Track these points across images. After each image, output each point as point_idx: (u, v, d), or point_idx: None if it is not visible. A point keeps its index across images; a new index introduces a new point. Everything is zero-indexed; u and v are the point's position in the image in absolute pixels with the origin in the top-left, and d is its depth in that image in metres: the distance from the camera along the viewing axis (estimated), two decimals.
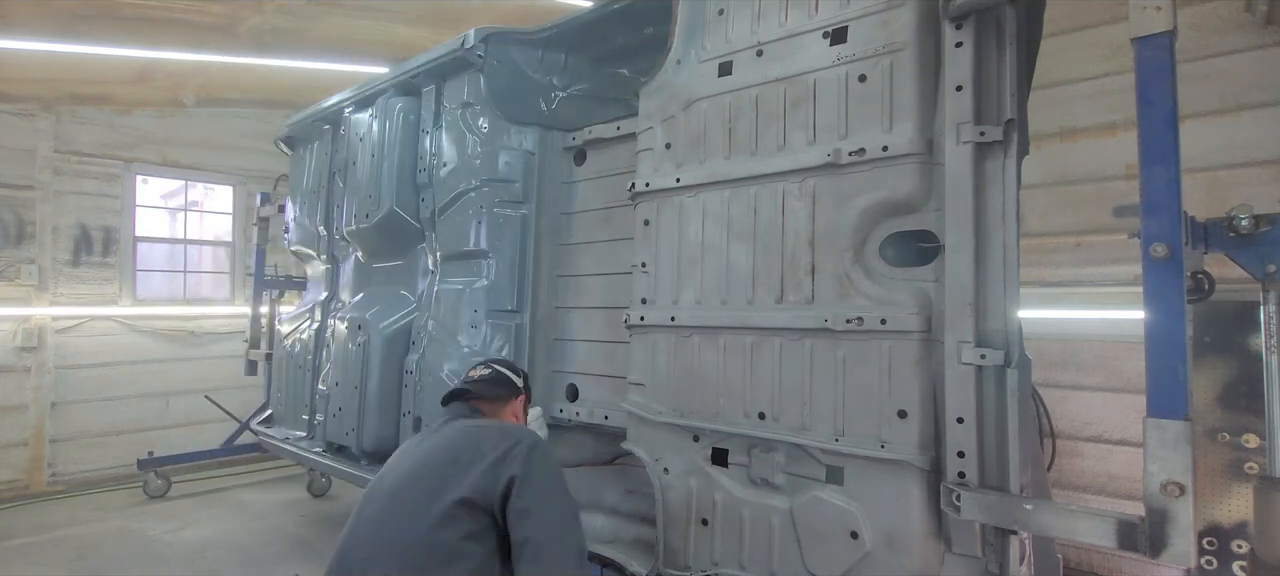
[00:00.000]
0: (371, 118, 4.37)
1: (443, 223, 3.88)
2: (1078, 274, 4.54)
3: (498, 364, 2.66)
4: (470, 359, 3.64)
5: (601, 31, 3.59)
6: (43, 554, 4.98)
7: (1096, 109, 4.48)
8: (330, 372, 4.48)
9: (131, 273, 7.06)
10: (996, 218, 2.11)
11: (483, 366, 2.63)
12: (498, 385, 2.55)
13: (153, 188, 8.14)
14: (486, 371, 2.59)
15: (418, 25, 5.90)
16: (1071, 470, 4.54)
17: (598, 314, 3.60)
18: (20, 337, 6.30)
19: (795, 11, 2.59)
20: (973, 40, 2.14)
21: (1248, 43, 4.08)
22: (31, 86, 6.29)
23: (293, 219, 5.48)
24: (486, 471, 2.00)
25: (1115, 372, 4.39)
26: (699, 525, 2.67)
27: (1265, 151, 4.02)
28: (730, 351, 2.63)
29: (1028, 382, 2.11)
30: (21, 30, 5.16)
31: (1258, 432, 3.01)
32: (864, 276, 2.36)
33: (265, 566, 4.81)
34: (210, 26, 5.54)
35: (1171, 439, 1.73)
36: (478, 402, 2.48)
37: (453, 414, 2.41)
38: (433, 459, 2.14)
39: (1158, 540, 1.73)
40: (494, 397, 2.51)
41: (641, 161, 3.00)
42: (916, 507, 2.17)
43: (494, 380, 2.56)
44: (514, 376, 2.62)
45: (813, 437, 2.39)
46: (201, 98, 7.17)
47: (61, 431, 6.59)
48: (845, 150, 2.37)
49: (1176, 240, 1.76)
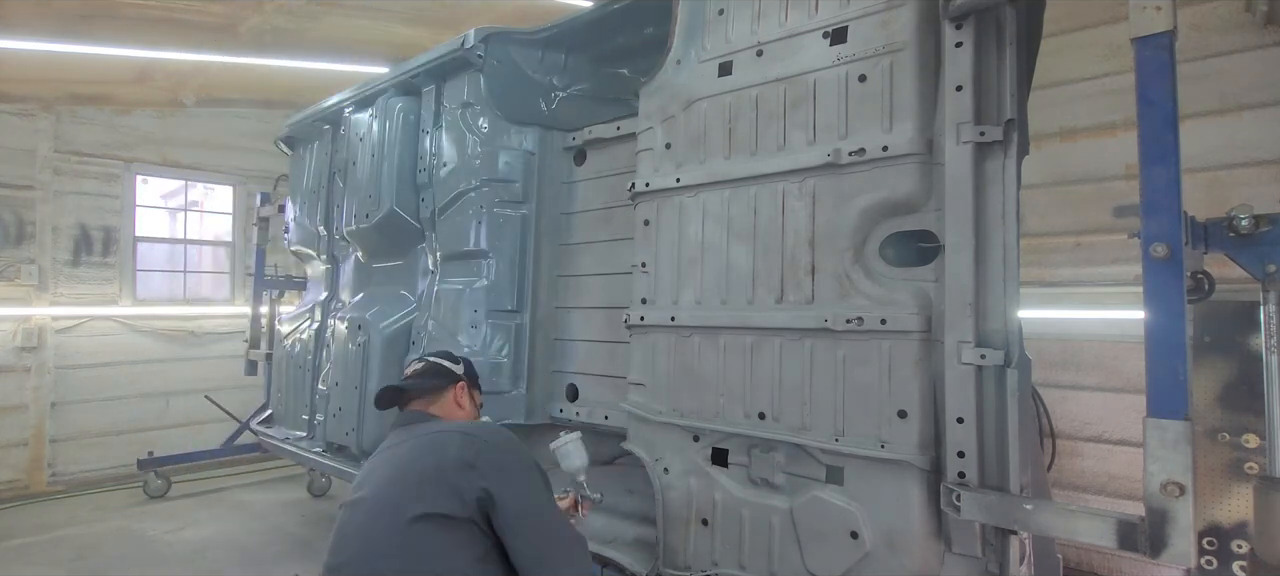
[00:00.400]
0: (371, 118, 4.37)
1: (443, 223, 3.88)
2: (1078, 274, 4.54)
3: (433, 356, 2.61)
4: (470, 358, 3.64)
5: (601, 31, 3.59)
6: (43, 554, 4.98)
7: (1096, 109, 4.48)
8: (330, 372, 4.48)
9: (131, 273, 7.06)
10: (996, 218, 2.11)
11: (417, 361, 2.61)
12: (433, 376, 2.49)
13: (153, 188, 8.14)
14: (419, 365, 2.56)
15: (418, 25, 5.90)
16: (1071, 470, 4.54)
17: (598, 314, 3.59)
18: (20, 337, 6.30)
19: (795, 11, 2.59)
20: (973, 40, 2.14)
21: (1248, 43, 4.08)
22: (31, 86, 6.29)
23: (293, 219, 5.47)
24: (454, 481, 1.97)
25: (1115, 372, 4.39)
26: (699, 525, 2.67)
27: (1265, 151, 4.02)
28: (730, 351, 2.63)
29: (1028, 382, 2.11)
30: (21, 30, 5.16)
31: (1258, 432, 3.01)
32: (864, 276, 2.36)
33: (265, 566, 4.81)
34: (210, 26, 5.54)
35: (1171, 439, 1.73)
36: (419, 402, 2.42)
37: (402, 426, 2.34)
38: (405, 472, 2.08)
39: (1158, 540, 1.73)
40: (433, 390, 2.45)
41: (641, 161, 2.99)
42: (916, 507, 2.17)
43: (428, 371, 2.50)
44: (450, 364, 2.56)
45: (813, 437, 2.39)
46: (201, 98, 7.17)
47: (61, 431, 6.59)
48: (845, 150, 2.37)
49: (1176, 240, 1.76)
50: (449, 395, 2.47)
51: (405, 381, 2.50)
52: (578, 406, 3.61)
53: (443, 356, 2.61)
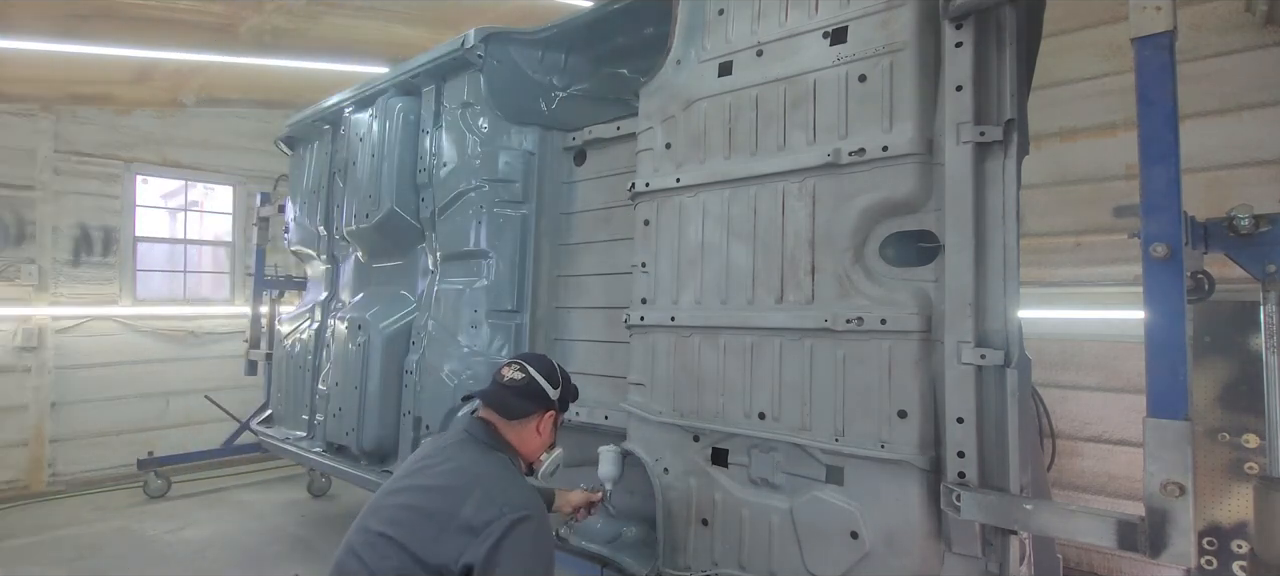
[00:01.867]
0: (371, 118, 4.37)
1: (443, 223, 3.88)
2: (1078, 274, 4.54)
3: (532, 365, 2.28)
4: (470, 358, 3.64)
5: (601, 31, 3.59)
6: (43, 554, 4.98)
7: (1096, 109, 4.48)
8: (330, 372, 4.48)
9: (131, 273, 7.06)
10: (996, 218, 2.11)
11: (516, 368, 2.26)
12: (527, 398, 2.21)
13: (153, 188, 8.14)
14: (519, 377, 2.23)
15: (418, 25, 5.90)
16: (1071, 470, 4.54)
17: (598, 314, 3.59)
18: (20, 337, 6.30)
19: (795, 11, 2.59)
20: (973, 40, 2.14)
21: (1248, 43, 4.08)
22: (31, 86, 6.29)
23: (293, 219, 5.48)
24: (452, 538, 1.82)
25: (1115, 372, 4.39)
26: (699, 525, 2.67)
27: (1265, 151, 4.02)
28: (730, 351, 2.63)
29: (1028, 382, 2.11)
30: (21, 30, 5.16)
31: (1258, 432, 3.01)
32: (864, 276, 2.36)
33: (265, 566, 4.81)
34: (210, 26, 5.54)
35: (1171, 439, 1.73)
36: (497, 421, 2.18)
37: (465, 434, 2.16)
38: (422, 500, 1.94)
39: (1158, 540, 1.73)
40: (520, 415, 2.19)
41: (641, 161, 2.99)
42: (916, 507, 2.17)
43: (523, 391, 2.21)
44: (548, 387, 2.25)
45: (813, 437, 2.39)
46: (201, 98, 7.17)
47: (61, 431, 6.59)
48: (845, 150, 2.37)
49: (1176, 240, 1.75)
50: (533, 423, 2.23)
51: (495, 389, 2.23)
52: (578, 406, 3.60)
53: (544, 372, 2.28)
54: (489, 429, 2.18)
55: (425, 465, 2.10)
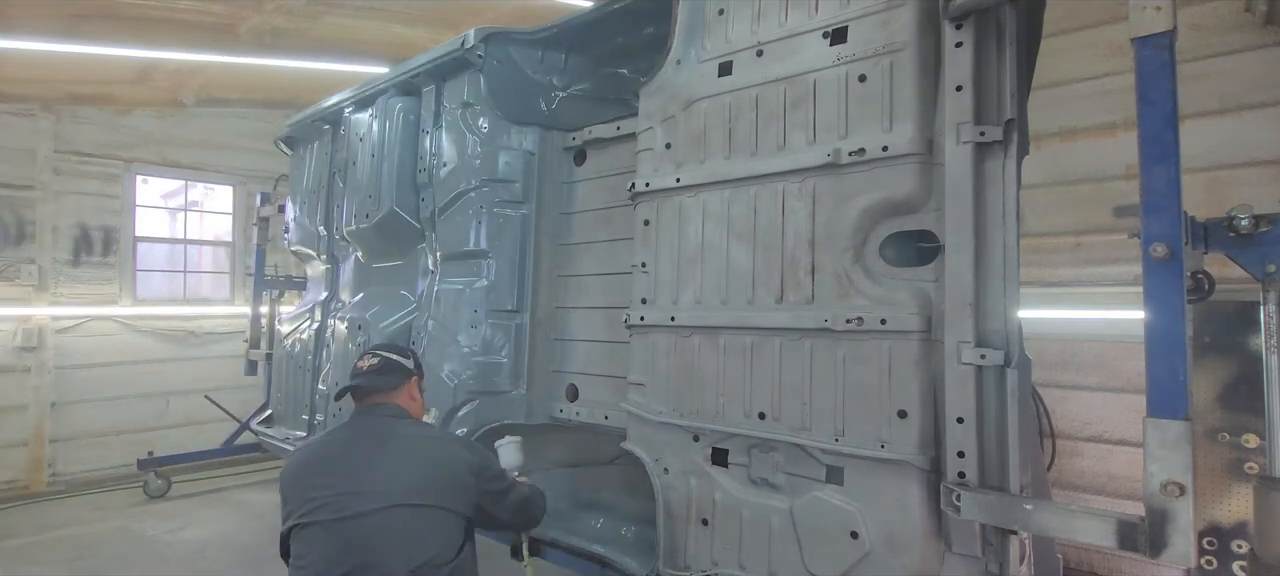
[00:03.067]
0: (371, 118, 4.36)
1: (443, 223, 3.88)
2: (1078, 274, 4.54)
3: (385, 350, 2.70)
4: (470, 358, 3.64)
5: (601, 31, 3.58)
6: (43, 554, 4.98)
7: (1096, 109, 4.48)
8: (330, 372, 4.48)
9: (131, 273, 7.06)
10: (996, 218, 2.11)
11: (371, 356, 2.65)
12: (391, 373, 2.59)
13: (153, 188, 8.14)
14: (375, 360, 2.61)
15: (418, 25, 5.91)
16: (1071, 470, 4.54)
17: (598, 314, 3.59)
18: (20, 338, 6.31)
19: (795, 11, 2.59)
20: (973, 40, 2.14)
21: (1248, 43, 4.09)
22: (31, 86, 6.29)
23: (293, 219, 5.47)
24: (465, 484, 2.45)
25: (1115, 372, 4.39)
26: (699, 525, 2.67)
27: (1265, 151, 4.03)
28: (730, 351, 2.63)
29: (1028, 382, 2.10)
30: (21, 30, 5.16)
31: (1258, 432, 3.01)
32: (864, 276, 2.36)
33: (265, 566, 4.81)
34: (210, 26, 5.54)
35: (1171, 439, 1.73)
36: (379, 395, 2.55)
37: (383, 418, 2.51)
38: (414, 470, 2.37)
39: (1158, 540, 1.73)
40: (391, 388, 2.58)
41: (641, 161, 2.99)
42: (916, 507, 2.17)
43: (385, 369, 2.59)
44: (402, 359, 2.66)
45: (813, 437, 2.39)
46: (201, 98, 7.17)
47: (61, 431, 6.59)
48: (845, 150, 2.37)
49: (1176, 240, 1.75)
50: (405, 390, 2.63)
51: (361, 375, 2.58)
52: (578, 406, 3.61)
53: (394, 351, 2.72)
54: (394, 407, 2.57)
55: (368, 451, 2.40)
